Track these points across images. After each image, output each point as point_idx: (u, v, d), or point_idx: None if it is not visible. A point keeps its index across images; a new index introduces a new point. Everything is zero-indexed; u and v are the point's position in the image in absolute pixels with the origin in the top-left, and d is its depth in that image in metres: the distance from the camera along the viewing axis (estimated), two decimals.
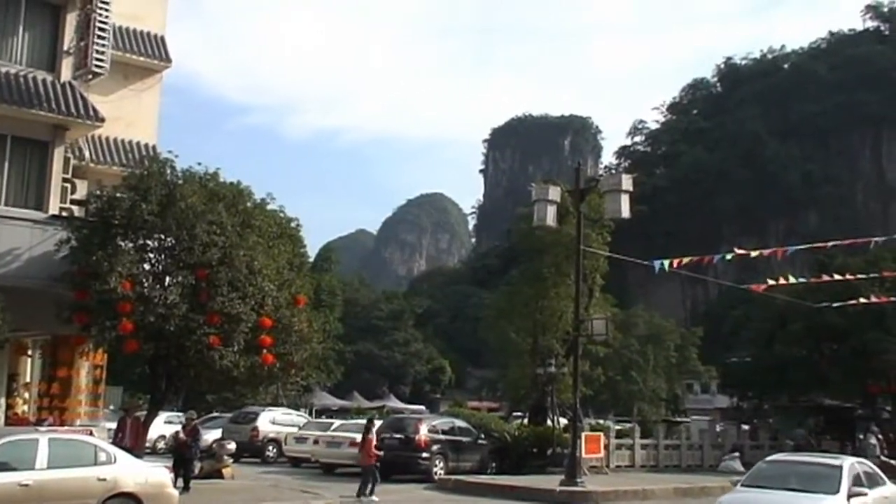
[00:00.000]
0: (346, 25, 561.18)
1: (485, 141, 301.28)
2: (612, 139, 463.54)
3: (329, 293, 59.01)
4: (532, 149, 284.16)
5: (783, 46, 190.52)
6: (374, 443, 22.07)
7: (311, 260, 56.36)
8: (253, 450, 32.63)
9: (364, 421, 25.17)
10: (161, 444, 33.13)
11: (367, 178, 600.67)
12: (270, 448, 33.41)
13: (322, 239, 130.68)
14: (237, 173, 22.30)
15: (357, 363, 69.65)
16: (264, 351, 21.04)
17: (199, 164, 22.14)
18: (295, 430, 33.20)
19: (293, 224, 24.21)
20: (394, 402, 67.84)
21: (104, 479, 14.18)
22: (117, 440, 19.70)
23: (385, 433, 27.29)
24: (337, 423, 33.86)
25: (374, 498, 20.99)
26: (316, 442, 30.04)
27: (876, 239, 31.46)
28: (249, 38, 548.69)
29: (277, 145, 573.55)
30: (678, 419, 63.41)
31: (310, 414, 50.02)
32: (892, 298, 35.86)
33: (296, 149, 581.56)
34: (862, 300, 34.44)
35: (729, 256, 32.24)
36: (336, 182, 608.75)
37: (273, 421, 34.67)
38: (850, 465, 15.05)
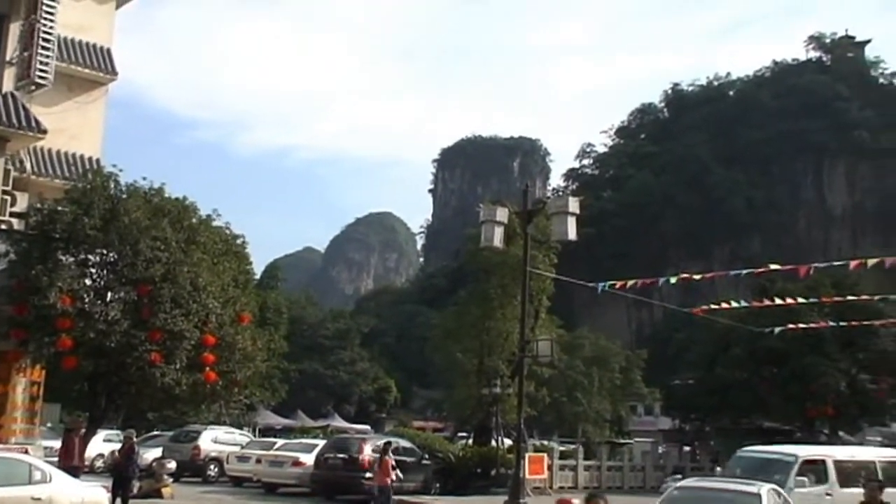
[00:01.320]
0: (298, 44, 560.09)
1: (434, 161, 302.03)
2: (561, 161, 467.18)
3: (275, 311, 58.52)
4: (481, 169, 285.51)
5: (729, 74, 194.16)
6: (390, 465, 21.80)
7: (257, 277, 55.92)
8: (194, 469, 32.13)
9: (309, 440, 24.97)
10: (99, 463, 32.47)
11: (317, 197, 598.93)
12: (212, 467, 32.91)
13: (269, 256, 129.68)
14: (184, 189, 22.14)
15: (302, 382, 68.98)
16: (207, 369, 20.82)
17: (145, 178, 21.93)
18: (237, 449, 32.79)
19: (239, 241, 24.05)
20: (339, 422, 67.40)
21: (39, 499, 13.87)
22: (62, 459, 19.28)
23: (328, 453, 27.13)
24: (280, 442, 33.53)
25: None
26: (259, 461, 29.70)
27: (816, 265, 32.02)
28: (201, 53, 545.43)
29: (226, 162, 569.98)
30: (622, 441, 63.88)
31: (253, 433, 49.48)
32: (831, 323, 36.56)
33: (245, 165, 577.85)
34: (801, 325, 35.03)
35: (673, 280, 32.59)
36: (285, 200, 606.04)
37: (215, 440, 34.16)
38: (767, 492, 14.03)
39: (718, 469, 36.73)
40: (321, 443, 30.34)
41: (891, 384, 39.74)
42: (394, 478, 21.79)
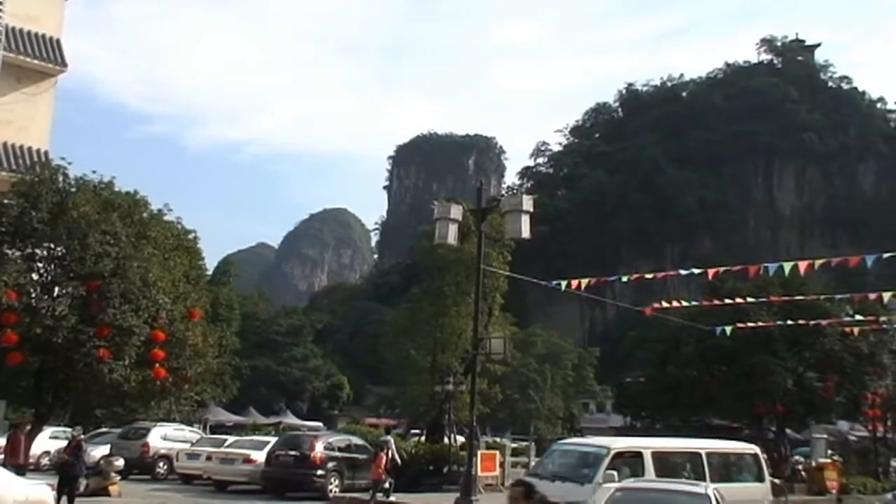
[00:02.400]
0: (253, 38, 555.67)
1: (390, 158, 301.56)
2: (516, 159, 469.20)
3: (227, 307, 58.01)
4: (437, 167, 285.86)
5: (682, 75, 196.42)
6: (384, 461, 23.36)
7: (210, 273, 55.33)
8: (143, 466, 31.70)
9: (260, 437, 24.78)
10: (45, 461, 31.94)
11: (271, 192, 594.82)
12: (161, 464, 32.48)
13: (222, 252, 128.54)
14: (135, 183, 21.87)
15: (254, 378, 68.43)
16: (157, 365, 20.59)
17: (94, 172, 21.60)
18: (187, 446, 32.41)
19: (191, 236, 23.83)
20: (291, 419, 66.99)
21: None
22: (8, 457, 18.92)
23: (280, 450, 26.94)
24: (231, 439, 33.21)
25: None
26: (209, 458, 29.37)
27: (766, 265, 32.44)
28: (154, 46, 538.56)
29: (179, 156, 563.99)
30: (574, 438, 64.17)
31: (204, 430, 48.98)
32: (780, 323, 37.08)
33: (198, 160, 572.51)
34: (751, 324, 35.49)
35: (625, 278, 32.85)
36: (238, 195, 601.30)
37: (164, 437, 33.74)
38: (713, 492, 13.46)
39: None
40: (272, 440, 30.12)
41: (837, 382, 40.37)
42: (382, 477, 22.11)
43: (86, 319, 19.42)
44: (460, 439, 31.65)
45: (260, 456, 27.59)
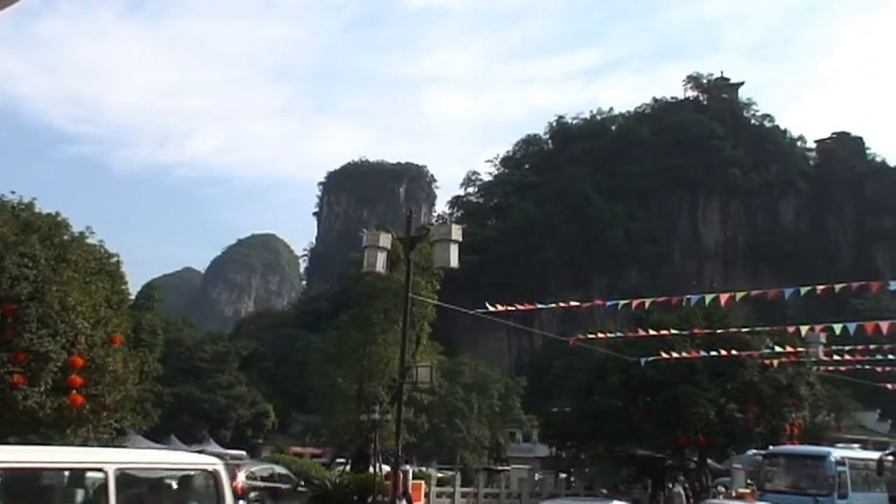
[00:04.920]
0: (184, 60, 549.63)
1: (320, 184, 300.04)
2: (447, 188, 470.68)
3: (150, 332, 56.79)
4: (368, 194, 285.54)
5: (611, 109, 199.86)
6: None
7: (132, 298, 54.21)
8: None
9: None
10: None
11: (199, 216, 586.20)
12: None
13: (146, 276, 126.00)
14: (58, 204, 21.34)
15: (177, 406, 66.99)
16: (74, 391, 20.06)
17: (13, 192, 21.06)
18: None
19: (114, 259, 23.37)
20: (214, 447, 65.65)
21: None
22: None
23: None
24: None
25: None
26: None
27: (693, 297, 32.96)
28: (83, 65, 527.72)
29: (105, 178, 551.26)
30: (499, 467, 64.23)
31: None
32: (702, 354, 37.69)
33: (125, 182, 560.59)
34: (674, 355, 35.99)
35: (551, 305, 33.12)
36: (166, 218, 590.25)
37: None
38: None
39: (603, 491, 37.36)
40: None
41: (756, 413, 41.16)
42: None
43: (0, 344, 18.86)
44: (386, 468, 31.43)
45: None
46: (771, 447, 30.70)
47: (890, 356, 36.24)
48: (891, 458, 23.01)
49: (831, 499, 25.75)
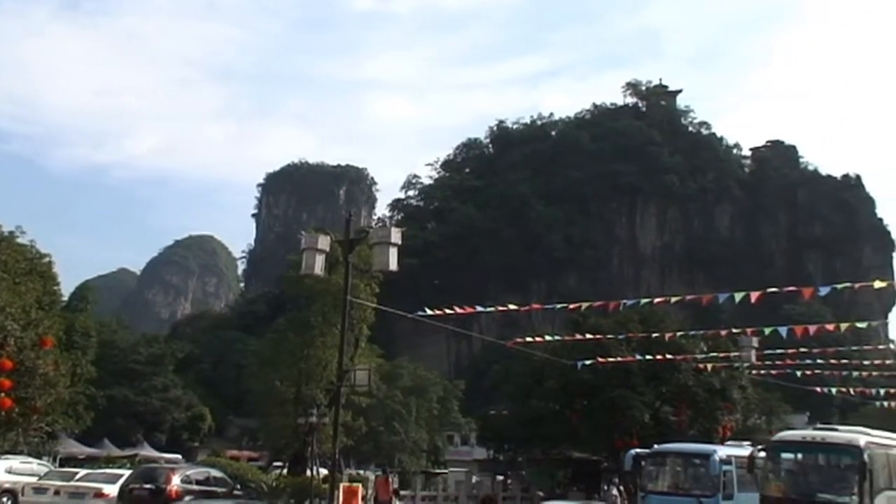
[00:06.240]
0: (123, 60, 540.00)
1: (259, 185, 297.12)
2: (388, 191, 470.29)
3: (83, 334, 55.75)
4: (307, 196, 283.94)
5: (552, 114, 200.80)
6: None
7: (66, 299, 53.22)
8: None
9: (114, 470, 23.85)
10: None
11: (136, 217, 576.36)
12: (5, 500, 30.83)
13: (80, 277, 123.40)
14: None
15: (110, 409, 65.86)
16: (2, 394, 19.63)
17: None
18: (34, 479, 30.88)
19: (45, 260, 22.96)
20: (148, 451, 64.69)
21: None
22: None
23: (134, 483, 26.02)
24: (82, 472, 31.85)
25: None
26: (57, 493, 28.02)
27: (628, 302, 33.37)
28: (18, 63, 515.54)
29: (39, 177, 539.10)
30: (437, 470, 64.37)
31: (53, 462, 46.85)
32: (638, 358, 38.21)
33: (60, 182, 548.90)
34: (611, 359, 36.43)
35: (489, 309, 33.29)
36: (101, 219, 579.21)
37: (10, 470, 32.01)
38: None
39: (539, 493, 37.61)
40: (127, 473, 29.05)
41: (690, 416, 41.82)
42: (393, 499, 22.27)
43: None
44: (323, 472, 31.30)
45: (112, 490, 26.55)
46: (655, 446, 29.03)
47: (819, 360, 37.17)
48: (763, 453, 21.66)
49: (715, 499, 24.55)
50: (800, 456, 21.84)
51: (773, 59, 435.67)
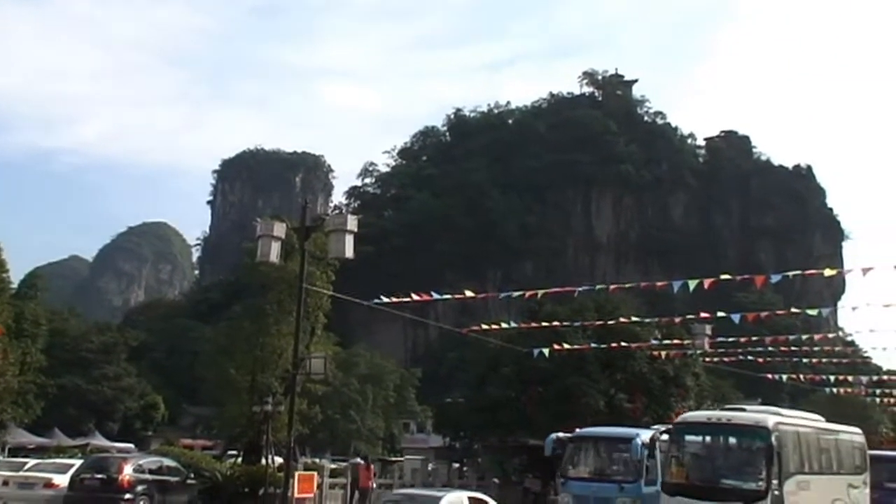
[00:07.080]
0: (73, 44, 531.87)
1: (214, 172, 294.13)
2: (344, 179, 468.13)
3: (32, 322, 54.87)
4: (263, 183, 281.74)
5: (509, 103, 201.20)
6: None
7: (14, 286, 52.33)
8: None
9: (64, 460, 23.48)
10: None
11: (87, 204, 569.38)
12: None
13: (30, 264, 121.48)
14: None
15: (61, 398, 64.98)
16: None
17: None
18: None
19: None
20: (100, 440, 63.97)
21: None
22: None
23: (85, 473, 25.70)
24: (32, 462, 31.41)
25: None
26: (6, 483, 27.62)
27: (580, 289, 33.54)
28: None
29: None
30: (393, 458, 64.35)
31: (2, 452, 46.17)
32: (593, 345, 38.47)
33: (7, 167, 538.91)
34: (566, 346, 36.61)
35: (443, 297, 33.27)
36: (51, 206, 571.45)
37: None
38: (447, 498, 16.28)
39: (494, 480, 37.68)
40: (78, 463, 28.67)
41: (644, 403, 42.21)
42: (373, 486, 22.42)
43: None
44: (278, 460, 31.12)
45: (63, 480, 26.20)
46: (577, 430, 27.86)
47: (770, 348, 37.73)
48: (665, 436, 20.84)
49: (637, 486, 23.24)
50: (706, 439, 21.01)
51: (727, 50, 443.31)
